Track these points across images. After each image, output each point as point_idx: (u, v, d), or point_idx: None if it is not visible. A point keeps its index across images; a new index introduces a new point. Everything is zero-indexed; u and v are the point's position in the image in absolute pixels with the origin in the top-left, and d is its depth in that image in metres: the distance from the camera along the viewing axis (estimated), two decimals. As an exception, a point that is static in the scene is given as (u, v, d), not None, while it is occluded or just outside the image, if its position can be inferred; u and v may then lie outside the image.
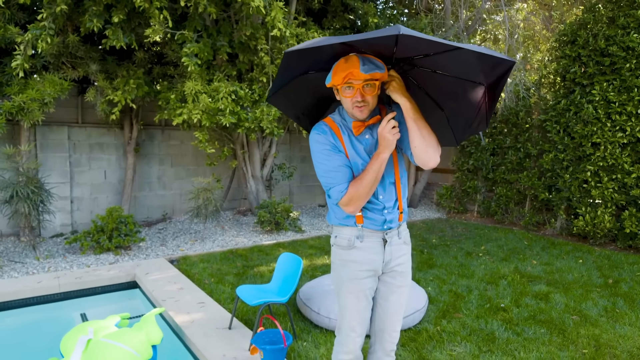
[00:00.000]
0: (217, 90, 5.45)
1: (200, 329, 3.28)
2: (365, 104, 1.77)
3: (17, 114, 5.22)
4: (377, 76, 1.71)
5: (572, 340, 3.20)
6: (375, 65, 1.71)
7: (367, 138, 1.88)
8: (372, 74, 1.70)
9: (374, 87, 1.74)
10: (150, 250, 5.68)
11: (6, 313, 4.04)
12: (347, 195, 1.78)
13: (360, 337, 1.98)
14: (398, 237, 1.96)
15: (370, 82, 1.71)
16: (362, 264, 1.90)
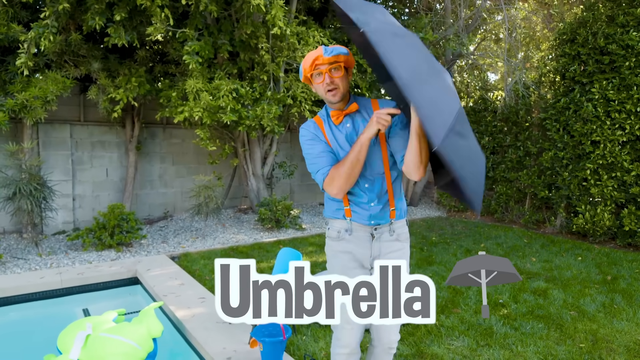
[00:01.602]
0: (218, 88, 5.49)
1: (201, 323, 3.32)
2: (336, 87, 1.86)
3: (20, 112, 5.27)
4: (341, 58, 1.83)
5: (570, 335, 3.23)
6: (338, 49, 1.84)
7: (347, 127, 1.95)
8: (336, 56, 1.82)
9: (340, 69, 1.85)
10: (151, 247, 5.72)
11: (10, 308, 4.08)
12: (329, 175, 1.88)
13: (355, 330, 2.01)
14: (389, 234, 2.01)
15: (335, 64, 1.83)
16: (350, 255, 1.99)
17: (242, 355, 2.80)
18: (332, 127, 1.96)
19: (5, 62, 5.50)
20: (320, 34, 5.87)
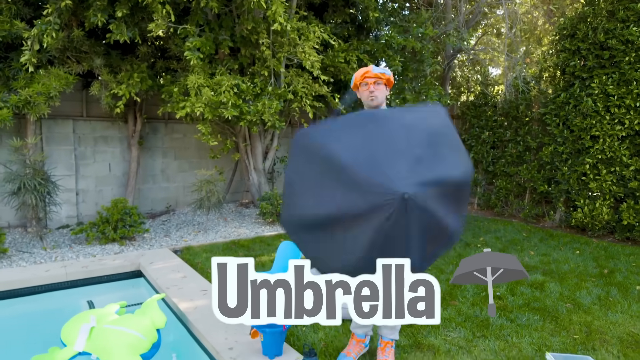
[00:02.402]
0: (220, 84, 5.54)
1: (203, 315, 3.39)
2: (375, 97, 2.45)
3: (23, 108, 5.33)
4: (384, 76, 2.46)
5: (564, 327, 3.29)
6: (384, 70, 2.46)
7: None
8: (381, 74, 2.45)
9: (382, 84, 2.46)
10: (154, 240, 5.80)
11: (16, 300, 4.16)
12: None
13: None
14: None
15: (379, 79, 2.44)
16: None
17: (244, 346, 2.87)
18: None
19: (9, 59, 5.55)
20: (321, 29, 5.90)
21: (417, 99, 7.12)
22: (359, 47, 6.83)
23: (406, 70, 7.08)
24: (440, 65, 8.05)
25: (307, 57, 5.73)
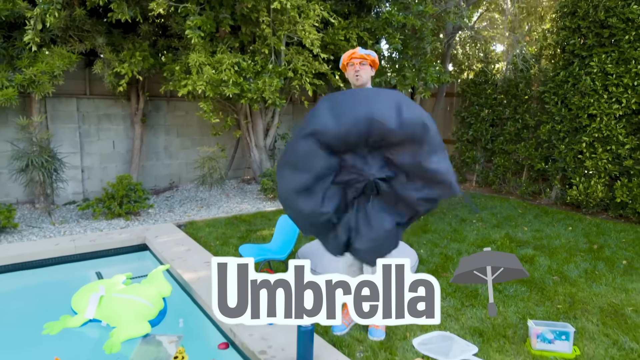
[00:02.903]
0: (221, 62, 5.60)
1: (207, 285, 3.57)
2: (360, 76, 2.63)
3: (28, 87, 5.43)
4: (369, 58, 2.63)
5: (549, 298, 3.46)
6: (369, 52, 2.66)
7: None
8: (367, 55, 2.63)
9: (367, 66, 2.64)
10: (158, 216, 5.97)
11: (28, 272, 4.35)
12: None
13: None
14: None
15: (364, 60, 2.62)
16: None
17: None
18: None
19: (12, 38, 5.62)
20: (321, 7, 5.92)
21: (416, 76, 7.16)
22: (359, 24, 6.84)
23: (406, 48, 7.09)
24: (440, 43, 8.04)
25: (307, 36, 5.77)
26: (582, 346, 2.72)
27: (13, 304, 3.74)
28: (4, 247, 4.64)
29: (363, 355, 2.58)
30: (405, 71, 7.05)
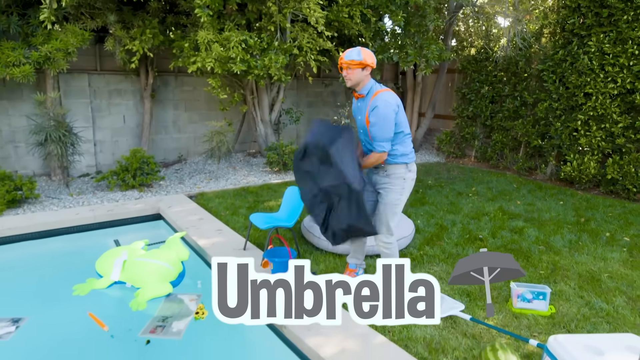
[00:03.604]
0: (228, 40, 5.79)
1: (220, 250, 3.90)
2: (348, 79, 2.87)
3: (44, 63, 5.64)
4: (353, 62, 2.80)
5: (534, 264, 3.78)
6: (350, 56, 2.81)
7: (356, 103, 3.06)
8: (350, 61, 2.80)
9: (352, 69, 2.83)
10: (169, 187, 6.28)
11: (52, 239, 4.69)
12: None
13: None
14: (384, 172, 2.98)
15: (347, 66, 2.82)
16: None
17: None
18: (354, 100, 3.09)
19: (27, 16, 5.79)
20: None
21: (418, 53, 7.32)
22: (363, 1, 6.95)
23: (408, 26, 7.22)
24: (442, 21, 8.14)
25: (312, 14, 5.92)
26: (558, 305, 3.05)
27: (42, 267, 4.08)
28: (28, 216, 4.97)
29: (362, 311, 2.91)
30: (407, 48, 7.20)
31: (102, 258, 3.78)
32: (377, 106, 2.77)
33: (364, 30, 7.06)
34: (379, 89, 2.88)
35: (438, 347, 2.53)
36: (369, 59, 2.84)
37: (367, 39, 7.08)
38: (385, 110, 2.75)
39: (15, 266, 4.13)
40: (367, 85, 2.88)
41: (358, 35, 7.63)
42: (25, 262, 4.22)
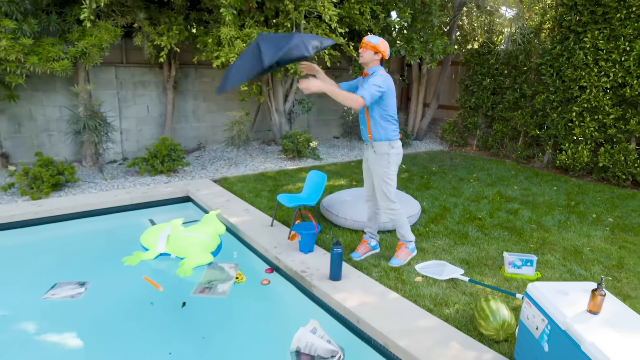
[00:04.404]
0: (249, 36, 6.27)
1: (249, 227, 4.44)
2: (362, 56, 3.39)
3: (80, 58, 6.14)
4: (369, 45, 3.35)
5: (525, 240, 4.31)
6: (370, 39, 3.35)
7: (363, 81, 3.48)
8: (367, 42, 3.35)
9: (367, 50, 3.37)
10: (194, 173, 6.81)
11: (95, 218, 5.24)
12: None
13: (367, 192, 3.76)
14: (371, 148, 3.53)
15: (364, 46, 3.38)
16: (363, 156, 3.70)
17: (284, 245, 3.93)
18: (361, 78, 3.53)
19: (64, 14, 6.28)
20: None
21: (424, 48, 7.77)
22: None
23: (415, 21, 7.67)
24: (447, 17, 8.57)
25: (326, 11, 6.38)
26: (543, 272, 3.58)
27: (91, 243, 4.63)
28: (71, 198, 5.52)
29: (378, 275, 3.46)
30: (414, 43, 7.66)
31: (146, 233, 4.32)
32: (370, 77, 3.36)
33: (374, 25, 7.52)
34: (381, 73, 3.39)
35: (442, 301, 3.07)
36: (382, 47, 3.37)
37: (377, 34, 7.53)
38: (376, 79, 3.31)
39: (67, 242, 4.68)
40: (374, 67, 3.41)
41: (367, 31, 8.08)
42: (74, 238, 4.77)
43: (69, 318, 3.13)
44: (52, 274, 3.74)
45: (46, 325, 3.04)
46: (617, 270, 3.66)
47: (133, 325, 3.06)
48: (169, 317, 3.16)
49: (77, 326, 3.03)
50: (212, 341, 2.87)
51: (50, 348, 2.81)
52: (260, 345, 2.84)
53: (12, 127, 6.93)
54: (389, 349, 2.65)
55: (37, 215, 4.98)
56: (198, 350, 2.79)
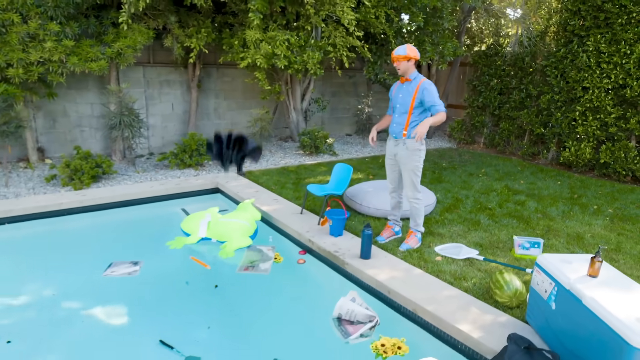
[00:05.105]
0: (273, 38, 6.70)
1: (281, 214, 4.89)
2: (399, 68, 3.81)
3: (115, 58, 6.60)
4: (400, 57, 3.76)
5: (532, 227, 4.74)
6: (397, 51, 3.76)
7: (403, 86, 3.90)
8: (398, 56, 3.77)
9: (400, 62, 3.78)
10: (219, 167, 7.25)
11: (133, 207, 5.68)
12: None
13: (391, 184, 4.13)
14: (403, 144, 3.85)
15: (397, 59, 3.78)
16: (387, 151, 4.02)
17: (315, 230, 4.37)
18: (399, 83, 3.95)
19: (101, 17, 6.72)
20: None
21: (435, 50, 8.20)
22: (387, 3, 7.82)
23: (427, 25, 8.09)
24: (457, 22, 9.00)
25: (345, 16, 6.81)
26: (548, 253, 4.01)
27: (134, 228, 5.08)
28: (110, 189, 5.96)
29: (402, 255, 3.90)
30: (425, 45, 8.08)
31: (187, 220, 4.76)
32: (426, 87, 3.73)
33: (387, 28, 7.94)
34: (422, 76, 3.84)
35: (460, 276, 3.51)
36: (412, 53, 3.74)
37: (390, 36, 7.96)
38: (432, 87, 3.75)
39: (112, 227, 5.12)
40: (414, 73, 3.82)
41: (381, 33, 8.50)
42: (117, 225, 5.21)
43: (126, 292, 3.55)
44: (105, 256, 4.17)
45: (107, 298, 3.46)
46: (615, 253, 4.09)
47: (180, 300, 3.47)
48: (219, 292, 3.60)
49: (132, 299, 3.43)
50: (261, 311, 3.32)
51: (109, 316, 3.26)
52: (303, 314, 3.29)
53: (48, 123, 7.39)
54: (417, 314, 3.09)
55: (82, 203, 5.43)
56: (247, 320, 3.23)
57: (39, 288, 3.58)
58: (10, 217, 5.03)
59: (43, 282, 3.68)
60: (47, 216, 5.23)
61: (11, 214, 5.04)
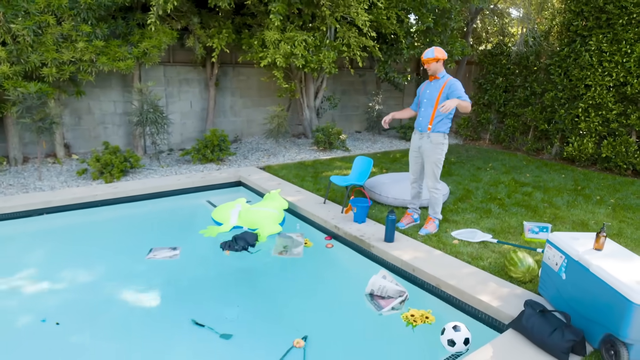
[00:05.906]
0: (292, 39, 7.05)
1: (305, 204, 5.24)
2: (429, 69, 4.20)
3: (141, 58, 6.94)
4: (429, 60, 4.13)
5: (540, 215, 5.09)
6: (427, 54, 4.12)
7: (431, 83, 4.26)
8: (427, 59, 4.15)
9: (430, 63, 4.15)
10: (238, 162, 7.60)
11: (162, 199, 6.02)
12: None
13: (413, 175, 4.42)
14: (427, 138, 4.18)
15: (427, 61, 4.15)
16: (412, 144, 4.18)
17: (340, 217, 4.73)
18: (427, 82, 4.30)
19: (127, 18, 7.07)
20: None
21: (444, 49, 8.54)
22: (398, 4, 8.17)
23: (436, 25, 8.43)
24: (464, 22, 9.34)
25: (359, 17, 7.16)
26: (556, 238, 4.36)
27: (165, 217, 5.42)
28: (139, 182, 6.31)
29: (422, 239, 4.25)
30: (434, 45, 8.43)
31: (218, 209, 5.10)
32: (453, 83, 4.11)
33: (398, 29, 8.29)
34: (449, 75, 4.21)
35: (477, 257, 3.87)
36: (439, 54, 4.10)
37: (401, 37, 8.31)
38: (458, 83, 4.12)
39: (145, 217, 5.46)
40: (442, 72, 4.21)
41: (392, 33, 8.84)
42: (150, 214, 5.55)
43: (167, 274, 3.87)
44: (143, 243, 4.49)
45: (150, 278, 3.79)
46: (617, 238, 4.45)
47: (218, 282, 3.80)
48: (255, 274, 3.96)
49: (172, 281, 3.75)
50: (295, 292, 3.67)
51: (149, 298, 3.61)
52: (336, 291, 3.64)
53: (73, 120, 7.74)
54: (440, 288, 3.45)
55: (115, 195, 5.78)
56: (282, 300, 3.58)
57: (82, 273, 3.88)
58: (50, 207, 5.39)
59: (85, 267, 3.98)
60: (83, 207, 5.58)
61: (50, 205, 5.39)
